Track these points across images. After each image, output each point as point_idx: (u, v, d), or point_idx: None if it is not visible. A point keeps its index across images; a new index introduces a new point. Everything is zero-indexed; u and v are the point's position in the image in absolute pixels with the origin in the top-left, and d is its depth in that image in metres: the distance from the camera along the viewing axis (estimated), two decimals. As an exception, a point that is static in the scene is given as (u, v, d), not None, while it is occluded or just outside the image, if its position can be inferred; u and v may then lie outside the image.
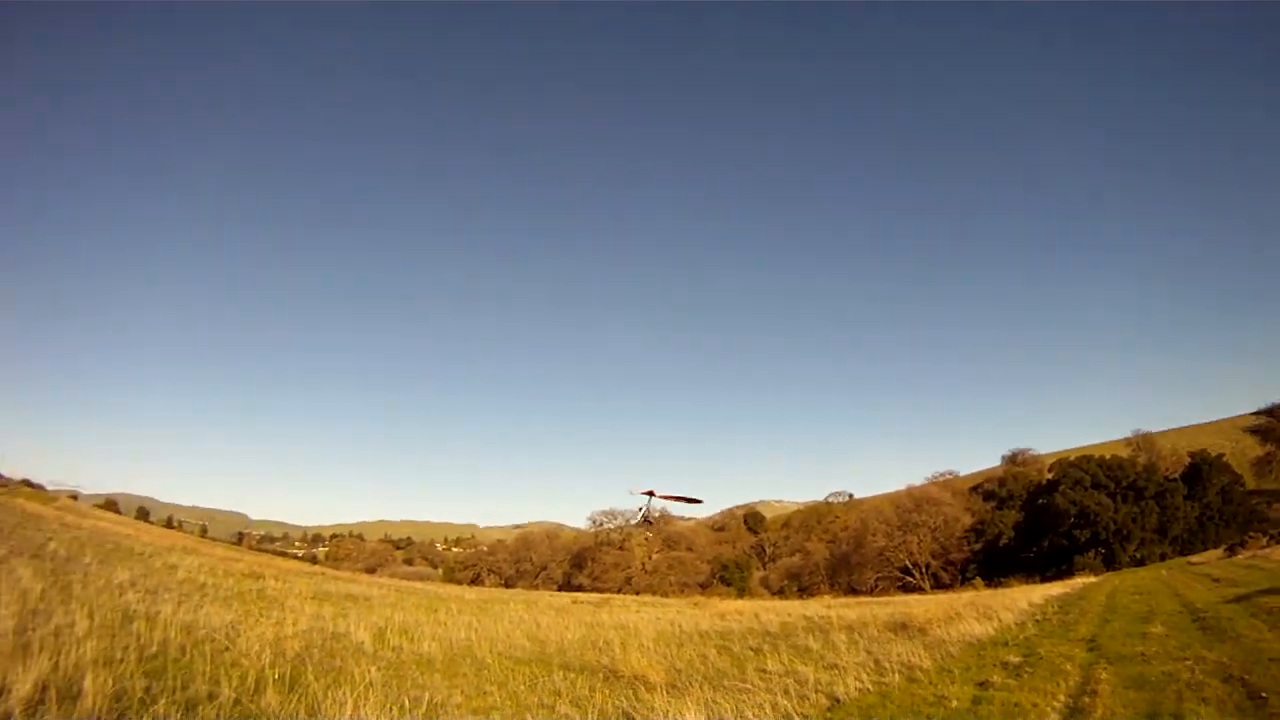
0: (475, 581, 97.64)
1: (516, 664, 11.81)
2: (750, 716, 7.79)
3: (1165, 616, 16.35)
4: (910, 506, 77.87)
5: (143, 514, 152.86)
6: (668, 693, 9.07)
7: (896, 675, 9.83)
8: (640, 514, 27.40)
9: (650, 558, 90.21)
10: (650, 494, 19.94)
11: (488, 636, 15.13)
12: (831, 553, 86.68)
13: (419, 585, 52.44)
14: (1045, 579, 54.72)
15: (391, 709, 7.57)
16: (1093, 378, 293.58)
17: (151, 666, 7.46)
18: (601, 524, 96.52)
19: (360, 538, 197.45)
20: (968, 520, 76.32)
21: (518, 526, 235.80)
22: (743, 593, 73.74)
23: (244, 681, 7.69)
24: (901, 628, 15.34)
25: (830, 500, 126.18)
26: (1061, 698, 8.71)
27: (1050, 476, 78.41)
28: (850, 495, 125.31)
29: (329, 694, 7.76)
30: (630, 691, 9.29)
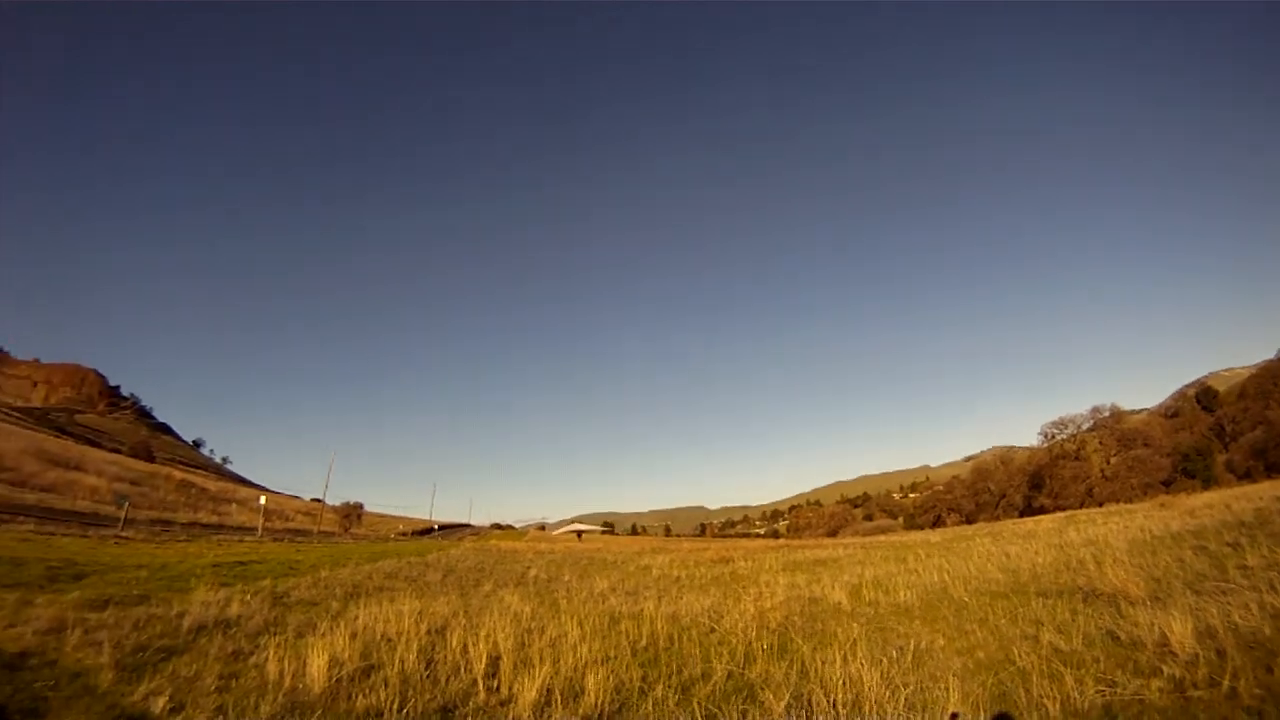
0: (937, 524, 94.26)
1: (993, 598, 11.36)
2: (1238, 619, 7.05)
3: None
4: (1374, 343, 52.83)
5: (608, 528, 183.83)
6: (1150, 605, 8.52)
7: (1391, 551, 8.65)
8: None
9: (1108, 462, 78.34)
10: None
11: (960, 576, 14.76)
12: (1298, 416, 67.05)
13: (882, 538, 51.96)
14: None
15: (879, 661, 7.22)
16: None
17: (644, 658, 8.20)
18: (1053, 436, 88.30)
19: (818, 504, 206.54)
20: None
21: (969, 458, 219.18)
22: (1208, 483, 61.42)
23: (733, 657, 8.06)
24: (1386, 495, 12.95)
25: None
26: None
27: None
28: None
29: (816, 655, 7.78)
30: (1111, 609, 8.90)
